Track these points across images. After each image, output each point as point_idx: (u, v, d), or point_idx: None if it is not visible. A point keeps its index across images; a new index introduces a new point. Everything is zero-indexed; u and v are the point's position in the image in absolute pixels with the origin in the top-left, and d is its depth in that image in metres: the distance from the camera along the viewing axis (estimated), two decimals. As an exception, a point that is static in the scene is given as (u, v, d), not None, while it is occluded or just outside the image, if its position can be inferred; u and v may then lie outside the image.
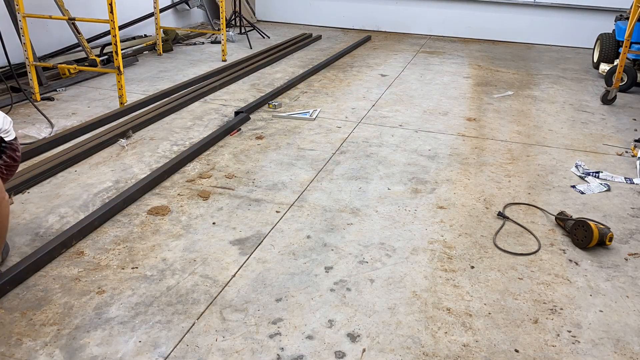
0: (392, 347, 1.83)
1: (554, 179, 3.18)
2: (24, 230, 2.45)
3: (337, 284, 2.16)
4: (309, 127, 3.87)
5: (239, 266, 2.25)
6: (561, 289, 2.18)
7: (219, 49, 6.30)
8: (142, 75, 5.11)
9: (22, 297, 2.02)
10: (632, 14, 4.45)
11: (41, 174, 2.93)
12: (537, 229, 2.62)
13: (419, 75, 5.49)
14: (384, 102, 4.54)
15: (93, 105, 4.21)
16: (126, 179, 2.98)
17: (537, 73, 5.78)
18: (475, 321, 1.98)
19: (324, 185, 3.00)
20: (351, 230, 2.55)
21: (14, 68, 3.94)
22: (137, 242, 2.40)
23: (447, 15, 7.65)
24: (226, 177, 3.05)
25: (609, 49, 5.62)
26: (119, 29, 4.76)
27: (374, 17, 7.97)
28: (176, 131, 3.72)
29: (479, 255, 2.39)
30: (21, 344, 1.79)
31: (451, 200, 2.88)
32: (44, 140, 3.39)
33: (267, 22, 8.37)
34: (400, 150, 3.52)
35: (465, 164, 3.34)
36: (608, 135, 3.94)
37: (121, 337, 1.84)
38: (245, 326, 1.91)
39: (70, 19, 4.34)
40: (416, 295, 2.11)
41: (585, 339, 1.91)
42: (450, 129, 3.96)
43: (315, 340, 1.86)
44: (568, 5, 7.11)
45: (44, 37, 5.03)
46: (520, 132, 3.95)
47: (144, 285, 2.11)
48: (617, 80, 4.64)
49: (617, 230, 2.64)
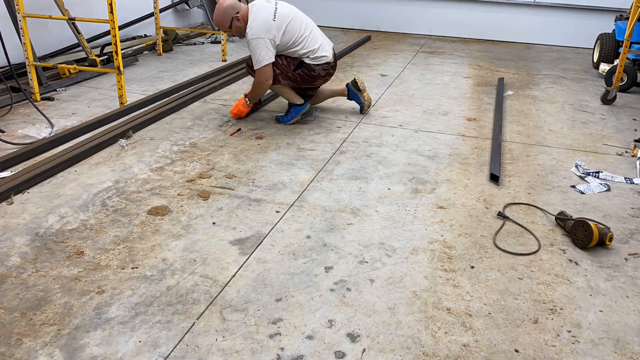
0: (392, 347, 1.83)
1: (554, 179, 3.18)
2: (24, 230, 2.45)
3: (337, 284, 2.16)
4: (309, 127, 3.88)
5: (239, 266, 2.25)
6: (561, 289, 2.18)
7: (219, 49, 6.30)
8: (142, 75, 5.11)
9: (22, 297, 2.02)
10: (632, 14, 4.45)
11: (41, 174, 2.93)
12: (537, 229, 2.62)
13: (419, 75, 5.49)
14: (384, 102, 4.54)
15: (93, 105, 4.21)
16: (126, 179, 2.98)
17: (537, 73, 5.78)
18: (475, 321, 1.98)
19: (324, 185, 3.00)
20: (351, 230, 2.55)
21: (13, 68, 3.94)
22: (137, 242, 2.40)
23: (447, 15, 7.65)
24: (226, 177, 3.05)
25: (609, 49, 5.63)
26: (119, 29, 4.77)
27: (374, 17, 7.98)
28: (176, 131, 3.72)
29: (479, 255, 2.39)
30: (21, 344, 1.80)
31: (451, 200, 2.88)
32: (44, 140, 3.39)
33: (267, 22, 8.37)
34: (400, 150, 3.52)
35: (465, 164, 3.34)
36: (608, 135, 3.95)
37: (121, 337, 1.84)
38: (245, 326, 1.91)
39: (70, 19, 4.34)
40: (416, 295, 2.11)
41: (585, 339, 1.91)
42: (450, 128, 3.96)
43: (315, 340, 1.86)
44: (568, 5, 7.11)
45: (44, 37, 5.03)
46: (520, 132, 3.95)
47: (144, 285, 2.11)
48: (617, 80, 4.64)
49: (617, 230, 2.64)
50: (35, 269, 2.19)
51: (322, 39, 3.81)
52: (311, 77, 3.78)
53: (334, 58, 3.86)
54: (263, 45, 3.54)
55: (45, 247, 2.34)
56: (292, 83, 3.80)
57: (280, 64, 3.69)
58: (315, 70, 3.75)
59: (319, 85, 3.99)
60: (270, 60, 3.59)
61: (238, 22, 3.59)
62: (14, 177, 2.86)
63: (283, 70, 3.71)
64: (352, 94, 4.16)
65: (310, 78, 3.78)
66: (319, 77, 3.82)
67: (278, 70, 3.70)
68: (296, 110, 3.88)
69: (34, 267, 2.20)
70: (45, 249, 2.32)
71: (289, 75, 3.73)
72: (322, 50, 3.74)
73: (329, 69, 3.84)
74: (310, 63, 3.71)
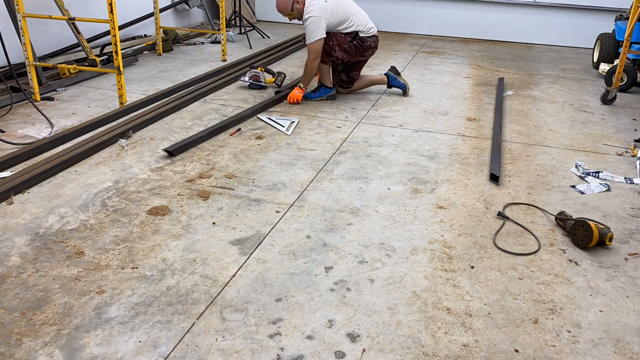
0: (392, 347, 1.84)
1: (554, 179, 3.18)
2: (23, 230, 2.45)
3: (337, 284, 2.16)
4: (309, 127, 3.88)
5: (238, 266, 2.25)
6: (561, 289, 2.18)
7: (218, 49, 6.30)
8: (142, 75, 5.11)
9: (22, 297, 2.02)
10: (632, 14, 4.45)
11: (41, 174, 2.93)
12: (537, 229, 2.62)
13: (419, 75, 5.49)
14: (384, 102, 4.54)
15: (93, 105, 4.21)
16: (126, 179, 2.98)
17: (537, 73, 5.78)
18: (475, 321, 1.98)
19: (323, 185, 3.00)
20: (351, 230, 2.55)
21: (13, 68, 3.94)
22: (137, 242, 2.40)
23: (447, 15, 7.65)
24: (226, 177, 3.05)
25: (609, 49, 5.62)
26: (119, 29, 4.76)
27: (373, 17, 7.90)
28: (176, 131, 3.72)
29: (479, 255, 2.39)
30: (21, 344, 1.80)
31: (451, 200, 2.88)
32: (43, 140, 3.39)
33: (267, 22, 8.37)
34: (400, 150, 3.52)
35: (465, 164, 3.34)
36: (608, 135, 3.95)
37: (121, 337, 1.84)
38: (245, 326, 1.91)
39: (70, 19, 4.34)
40: (416, 295, 2.11)
41: (585, 339, 1.91)
42: (450, 128, 3.96)
43: (315, 340, 1.86)
44: (568, 5, 7.11)
45: (44, 37, 5.03)
46: (520, 132, 3.95)
47: (144, 285, 2.11)
48: (617, 80, 4.64)
49: (617, 230, 2.64)
50: (35, 269, 2.19)
51: (367, 16, 4.45)
52: (363, 48, 4.36)
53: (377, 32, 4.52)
54: (317, 22, 4.11)
55: (45, 247, 2.34)
56: (345, 55, 4.32)
57: (339, 36, 4.26)
58: (366, 42, 4.35)
59: (368, 57, 4.51)
60: (322, 36, 4.16)
61: (298, 4, 4.19)
62: (14, 177, 2.86)
63: (341, 42, 4.26)
64: (392, 80, 4.72)
65: (362, 49, 4.36)
66: (369, 48, 4.41)
67: (336, 41, 4.25)
68: (325, 91, 4.49)
69: (33, 267, 2.20)
70: (45, 249, 2.32)
71: (345, 47, 4.29)
72: (370, 24, 4.41)
73: (376, 41, 4.45)
74: (362, 36, 4.32)
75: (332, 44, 4.23)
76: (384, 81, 4.73)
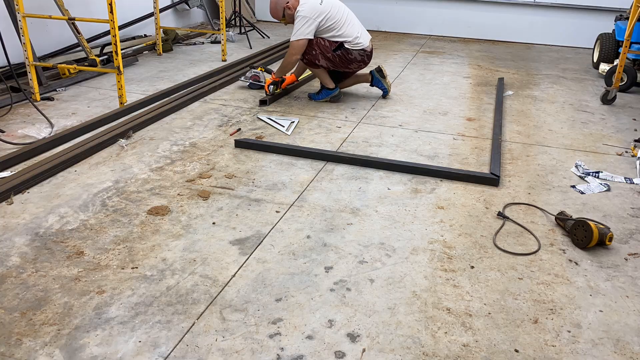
0: (392, 347, 1.84)
1: (554, 179, 3.18)
2: (23, 230, 2.45)
3: (337, 284, 2.16)
4: (309, 127, 3.88)
5: (238, 266, 2.25)
6: (561, 289, 2.18)
7: (218, 49, 6.30)
8: (142, 75, 5.11)
9: (22, 297, 2.02)
10: (632, 14, 4.45)
11: (41, 174, 2.93)
12: (537, 229, 2.62)
13: (419, 75, 5.49)
14: (384, 102, 4.54)
15: (93, 105, 4.21)
16: (126, 179, 2.98)
17: (537, 73, 5.78)
18: (475, 321, 1.98)
19: (323, 185, 3.00)
20: (351, 230, 2.55)
21: (13, 68, 3.94)
22: (137, 242, 2.40)
23: (447, 15, 7.65)
24: (226, 177, 3.05)
25: (609, 49, 5.62)
26: (119, 29, 4.76)
27: (373, 17, 7.97)
28: (176, 131, 3.72)
29: (479, 255, 2.39)
30: (21, 344, 1.79)
31: (451, 200, 2.88)
32: (43, 140, 3.39)
33: (267, 22, 8.37)
34: (400, 150, 3.52)
35: (465, 164, 3.34)
36: (608, 135, 3.95)
37: (121, 337, 1.84)
38: (245, 326, 1.91)
39: (70, 19, 4.34)
40: (416, 295, 2.11)
41: (585, 339, 1.91)
42: (450, 128, 3.96)
43: (315, 340, 1.86)
44: (568, 5, 7.11)
45: (44, 37, 5.03)
46: (520, 132, 3.95)
47: (143, 285, 2.11)
48: (617, 80, 4.64)
49: (617, 230, 2.64)
50: (35, 269, 2.19)
51: (362, 30, 4.27)
52: (348, 60, 4.21)
53: (370, 48, 4.32)
54: (305, 22, 4.03)
55: (45, 247, 2.34)
56: (329, 64, 4.22)
57: (322, 44, 4.13)
58: (352, 54, 4.18)
59: (354, 70, 4.40)
60: (307, 36, 4.07)
61: (289, 10, 4.13)
62: (14, 177, 2.86)
63: (324, 50, 4.14)
64: (375, 80, 4.56)
65: (347, 61, 4.21)
66: (354, 61, 4.24)
67: (319, 50, 4.14)
68: (327, 92, 4.43)
69: (33, 267, 2.20)
70: (45, 249, 2.32)
71: (328, 56, 4.16)
72: (360, 38, 4.20)
73: (364, 55, 4.26)
74: (348, 47, 4.16)
75: (316, 53, 4.14)
76: (368, 79, 4.57)
